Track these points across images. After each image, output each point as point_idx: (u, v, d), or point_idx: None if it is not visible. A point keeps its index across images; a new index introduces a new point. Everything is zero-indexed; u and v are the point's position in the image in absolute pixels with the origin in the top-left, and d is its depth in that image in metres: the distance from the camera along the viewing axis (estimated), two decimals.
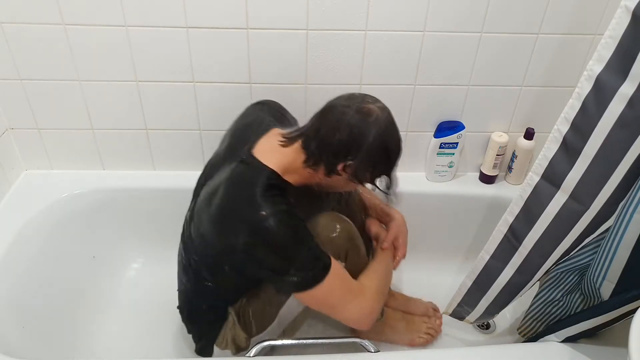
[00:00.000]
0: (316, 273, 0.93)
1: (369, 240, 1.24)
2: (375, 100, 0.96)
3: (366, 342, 1.13)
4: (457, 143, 1.45)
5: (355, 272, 1.07)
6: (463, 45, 1.31)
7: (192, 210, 1.10)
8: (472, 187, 1.53)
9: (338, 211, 1.15)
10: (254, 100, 1.21)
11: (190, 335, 1.21)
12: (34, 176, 1.46)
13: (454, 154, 1.48)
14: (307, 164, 0.97)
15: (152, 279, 1.49)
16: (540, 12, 1.26)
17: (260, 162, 0.97)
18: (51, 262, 1.31)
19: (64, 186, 1.42)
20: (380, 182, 1.02)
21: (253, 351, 1.10)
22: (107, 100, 1.35)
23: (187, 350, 1.30)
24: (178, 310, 1.20)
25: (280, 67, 1.31)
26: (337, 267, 0.97)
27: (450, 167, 1.50)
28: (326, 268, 0.94)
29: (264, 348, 1.12)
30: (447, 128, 1.44)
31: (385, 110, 0.96)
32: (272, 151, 0.99)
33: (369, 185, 1.02)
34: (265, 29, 1.25)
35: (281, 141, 1.00)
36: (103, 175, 1.47)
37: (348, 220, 1.12)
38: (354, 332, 1.36)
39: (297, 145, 0.98)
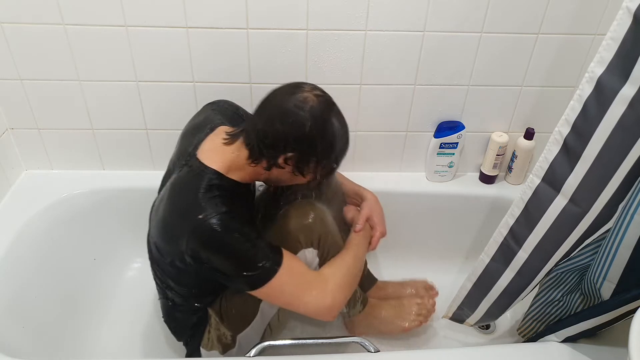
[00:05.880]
0: (265, 271, 0.91)
1: (349, 229, 1.20)
2: (314, 88, 0.94)
3: (366, 342, 1.12)
4: (457, 143, 1.45)
5: (329, 259, 1.07)
6: (463, 45, 1.31)
7: (149, 222, 1.09)
8: (472, 187, 1.53)
9: (316, 200, 1.12)
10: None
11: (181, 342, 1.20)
12: (34, 176, 1.46)
13: (454, 154, 1.48)
14: (250, 160, 0.95)
15: (151, 279, 1.48)
16: (540, 12, 1.26)
17: (203, 164, 0.95)
18: (51, 262, 1.31)
19: (64, 186, 1.42)
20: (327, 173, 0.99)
21: (253, 351, 1.10)
22: (107, 100, 1.35)
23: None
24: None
25: (280, 67, 1.31)
26: (290, 262, 0.94)
27: (450, 167, 1.50)
28: (276, 265, 0.92)
29: (263, 348, 1.12)
30: (447, 128, 1.44)
31: (322, 97, 0.93)
32: (215, 150, 0.97)
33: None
34: (265, 29, 1.25)
35: (225, 139, 0.98)
36: (103, 175, 1.47)
37: (321, 207, 1.10)
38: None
39: (240, 142, 0.96)
